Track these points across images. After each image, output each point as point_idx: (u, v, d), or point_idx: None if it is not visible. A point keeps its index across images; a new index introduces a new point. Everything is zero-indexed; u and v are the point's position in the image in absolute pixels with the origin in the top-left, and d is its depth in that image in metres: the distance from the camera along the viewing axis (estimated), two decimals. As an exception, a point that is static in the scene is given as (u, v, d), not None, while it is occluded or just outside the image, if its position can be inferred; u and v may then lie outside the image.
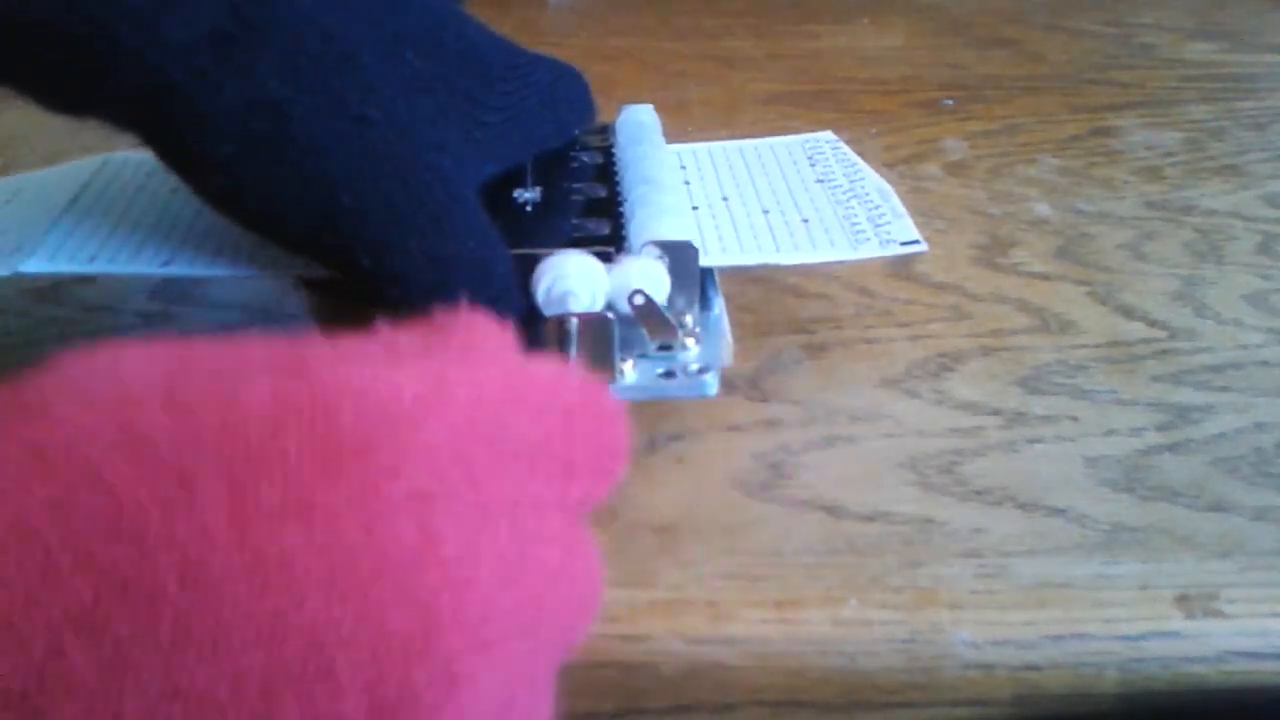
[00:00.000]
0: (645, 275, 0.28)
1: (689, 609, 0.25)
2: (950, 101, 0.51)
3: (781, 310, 0.35)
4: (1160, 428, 0.31)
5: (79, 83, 0.23)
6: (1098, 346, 0.34)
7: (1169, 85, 0.53)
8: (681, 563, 0.26)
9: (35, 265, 0.29)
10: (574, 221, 0.31)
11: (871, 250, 0.31)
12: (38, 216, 0.31)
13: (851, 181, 0.35)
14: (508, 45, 0.31)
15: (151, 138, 0.25)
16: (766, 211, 0.33)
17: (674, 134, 0.37)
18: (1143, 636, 0.25)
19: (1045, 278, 0.37)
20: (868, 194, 0.34)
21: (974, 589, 0.26)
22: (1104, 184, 0.44)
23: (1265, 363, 0.34)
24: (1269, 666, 0.25)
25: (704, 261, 0.30)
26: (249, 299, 0.35)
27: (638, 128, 0.36)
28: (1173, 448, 0.30)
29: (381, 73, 0.26)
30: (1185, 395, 0.32)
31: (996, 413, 0.31)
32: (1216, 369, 0.33)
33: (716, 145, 0.38)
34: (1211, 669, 0.25)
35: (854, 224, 0.32)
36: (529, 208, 0.31)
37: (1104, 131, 0.48)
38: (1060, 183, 0.43)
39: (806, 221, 0.33)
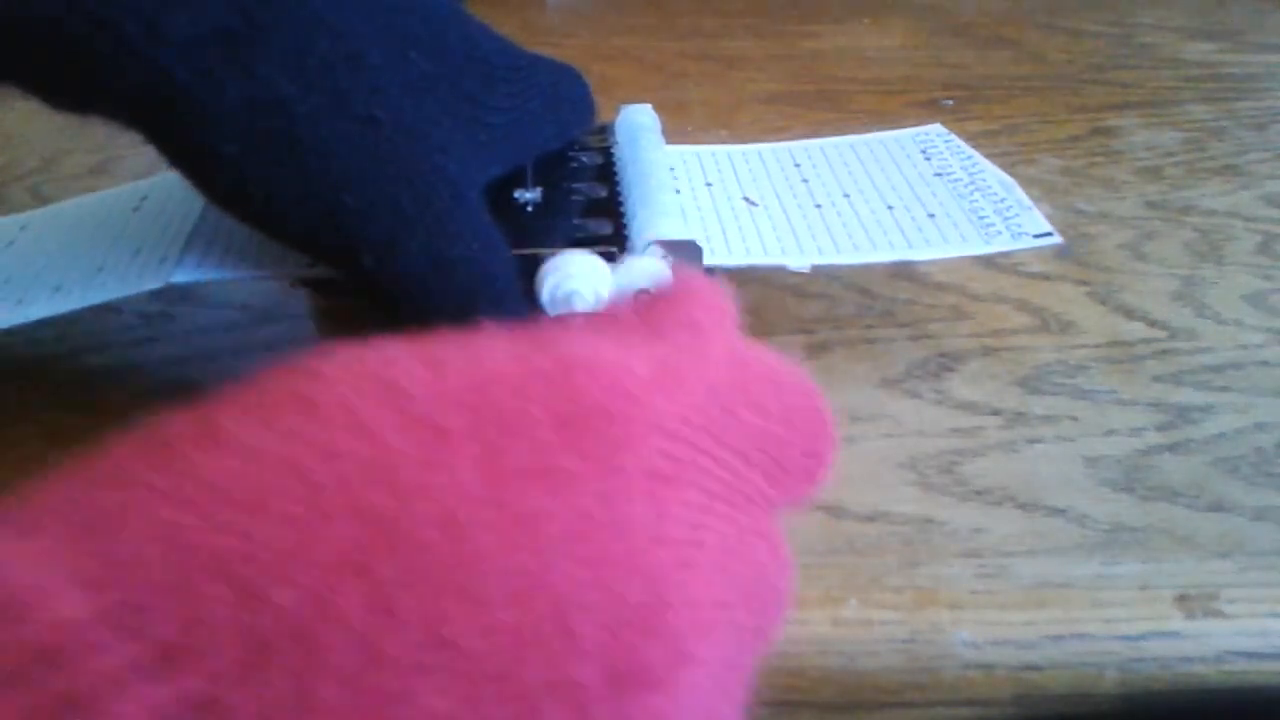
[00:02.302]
0: (649, 274, 0.28)
1: (689, 609, 0.25)
2: (950, 101, 0.51)
3: (782, 310, 0.36)
4: (1160, 428, 0.31)
5: (84, 80, 0.24)
6: (1098, 346, 0.34)
7: (1169, 85, 0.53)
8: (682, 563, 0.26)
9: (184, 275, 0.30)
10: (575, 221, 0.31)
11: (1004, 244, 0.31)
12: (169, 228, 0.32)
13: (970, 174, 0.35)
14: (509, 46, 0.31)
15: (156, 136, 0.25)
16: (891, 207, 0.33)
17: (674, 134, 0.37)
18: (1143, 636, 0.25)
19: (1045, 278, 0.37)
20: (990, 186, 0.34)
21: (974, 589, 0.26)
22: (1104, 184, 0.44)
23: (1265, 363, 0.34)
24: (1269, 666, 0.25)
25: (826, 260, 0.31)
26: (249, 299, 0.36)
27: (637, 128, 0.36)
28: (1173, 448, 0.30)
29: (388, 73, 0.26)
30: (1185, 395, 0.32)
31: (996, 413, 0.31)
32: (1216, 369, 0.33)
33: (827, 141, 0.38)
34: (1211, 669, 0.25)
35: (982, 217, 0.32)
36: (530, 208, 0.31)
37: (1104, 131, 0.48)
38: (1060, 183, 0.44)
39: (933, 216, 0.33)
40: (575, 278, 0.27)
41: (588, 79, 0.34)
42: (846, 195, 0.34)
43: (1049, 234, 0.31)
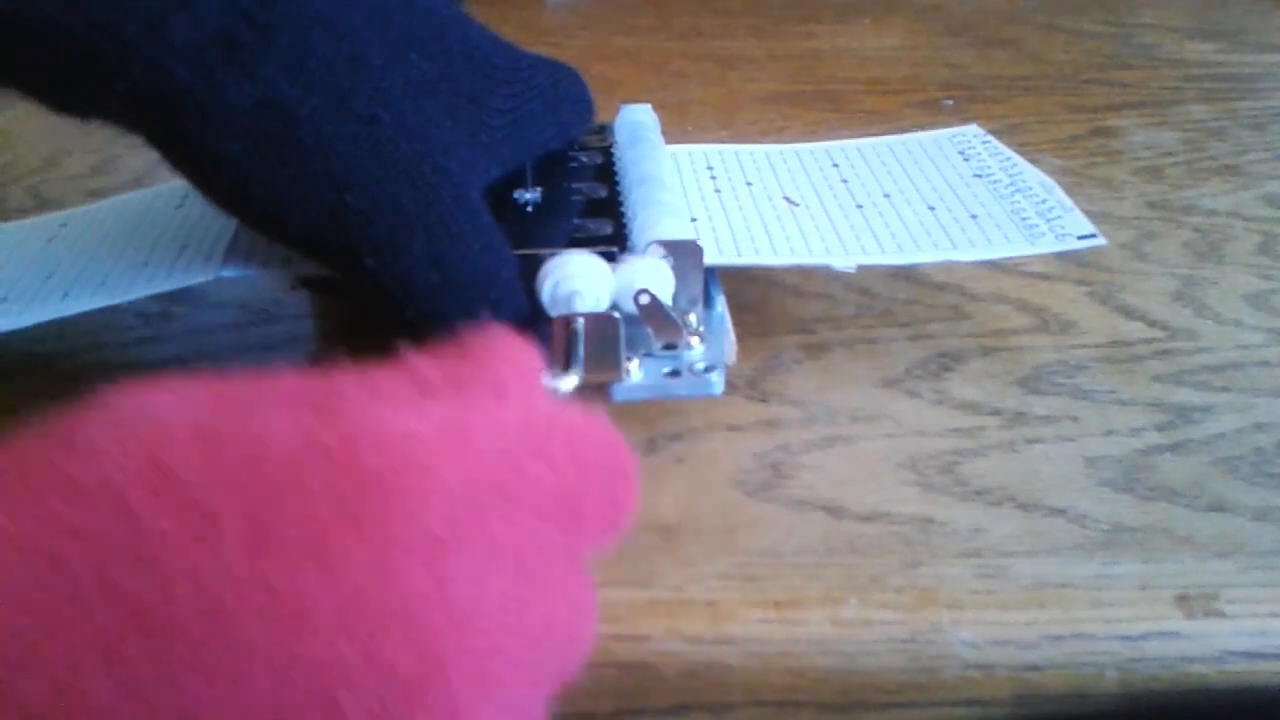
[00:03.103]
0: (650, 275, 0.28)
1: (689, 609, 0.25)
2: (950, 101, 0.51)
3: (782, 310, 0.36)
4: (1160, 428, 0.31)
5: (86, 83, 0.24)
6: (1098, 346, 0.34)
7: (1169, 85, 0.53)
8: (681, 563, 0.26)
9: (232, 270, 0.30)
10: (576, 222, 0.31)
11: (1048, 245, 0.31)
12: (213, 225, 0.32)
13: (1010, 176, 0.35)
14: (509, 47, 0.31)
15: (158, 138, 0.25)
16: (932, 208, 0.33)
17: (673, 134, 0.38)
18: (1143, 636, 0.25)
19: (1045, 278, 0.37)
20: (1030, 188, 0.34)
21: (974, 589, 0.26)
22: (1104, 184, 0.44)
23: (1265, 363, 0.34)
24: (1269, 666, 0.25)
25: (871, 260, 0.31)
26: (249, 299, 0.36)
27: (636, 127, 0.36)
28: (1173, 448, 0.30)
29: (389, 74, 0.26)
30: (1185, 395, 0.32)
31: (996, 413, 0.31)
32: (1216, 369, 0.33)
33: (864, 142, 0.38)
34: (1211, 669, 0.25)
35: (1024, 218, 0.32)
36: (530, 208, 0.31)
37: (1104, 131, 0.48)
38: (1060, 183, 0.43)
39: (975, 217, 0.33)
40: (575, 278, 0.27)
41: (587, 79, 0.34)
42: (887, 196, 0.34)
43: (1093, 235, 0.31)
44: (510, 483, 0.18)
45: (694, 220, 0.33)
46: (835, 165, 0.36)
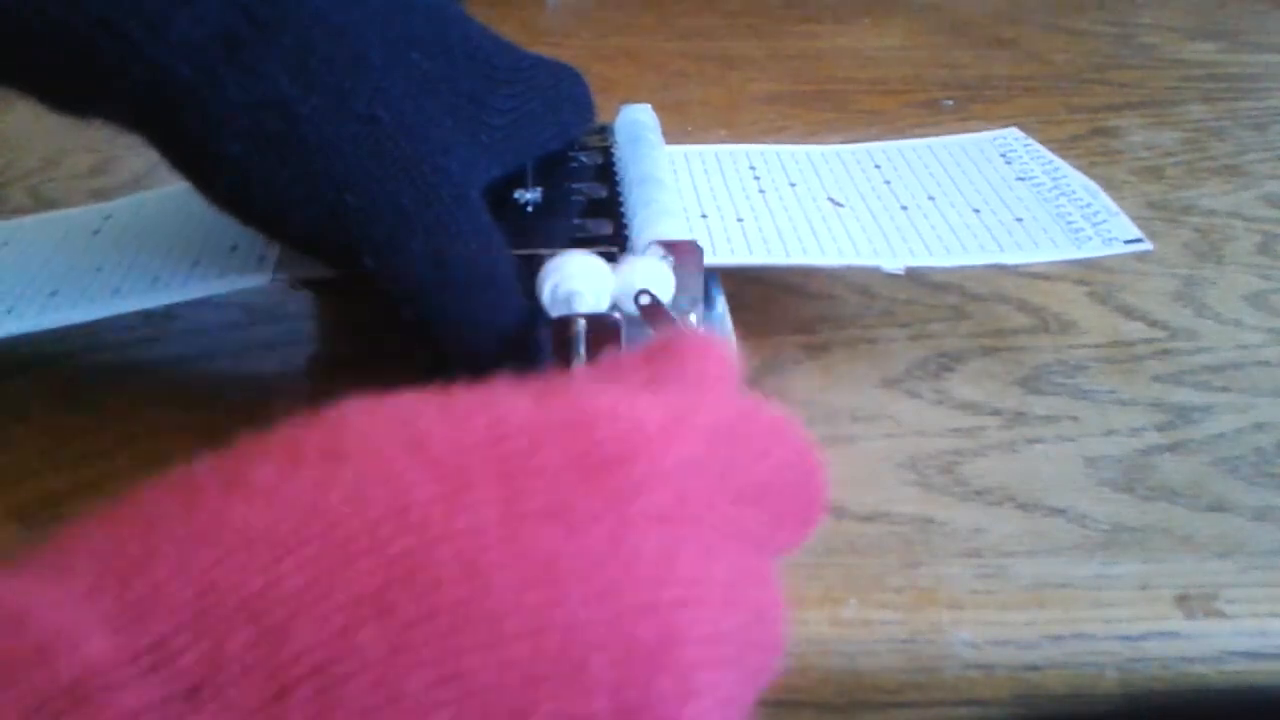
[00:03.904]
0: (651, 275, 0.28)
1: (690, 609, 0.25)
2: (950, 102, 0.51)
3: (782, 310, 0.36)
4: (1160, 428, 0.31)
5: (86, 82, 0.24)
6: (1098, 346, 0.34)
7: (1169, 85, 0.53)
8: (682, 563, 0.26)
9: (285, 271, 0.30)
10: (575, 222, 0.31)
11: (1095, 249, 0.31)
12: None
13: (1053, 179, 0.35)
14: (510, 47, 0.31)
15: (158, 137, 0.25)
16: (977, 211, 0.34)
17: (673, 134, 0.37)
18: (1143, 636, 0.25)
19: (1045, 278, 0.37)
20: (1074, 191, 0.34)
21: (974, 589, 0.26)
22: (1104, 184, 0.43)
23: (1265, 363, 0.34)
24: (1269, 666, 0.25)
25: (919, 263, 0.31)
26: (251, 299, 0.36)
27: (636, 127, 0.36)
28: (1173, 448, 0.30)
29: (389, 73, 0.26)
30: (1185, 395, 0.32)
31: (996, 413, 0.31)
32: (1216, 369, 0.33)
33: (905, 144, 0.38)
34: (1211, 669, 0.25)
35: (1070, 223, 0.32)
36: (530, 208, 0.31)
37: (1104, 131, 0.48)
38: (1060, 183, 0.43)
39: (1021, 221, 0.33)
40: (575, 278, 0.27)
41: (587, 79, 0.34)
42: (931, 198, 0.34)
43: (1139, 240, 0.31)
44: (723, 471, 0.19)
45: (740, 220, 0.33)
46: (878, 167, 0.37)
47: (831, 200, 0.34)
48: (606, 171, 0.34)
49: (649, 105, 0.38)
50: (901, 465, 0.30)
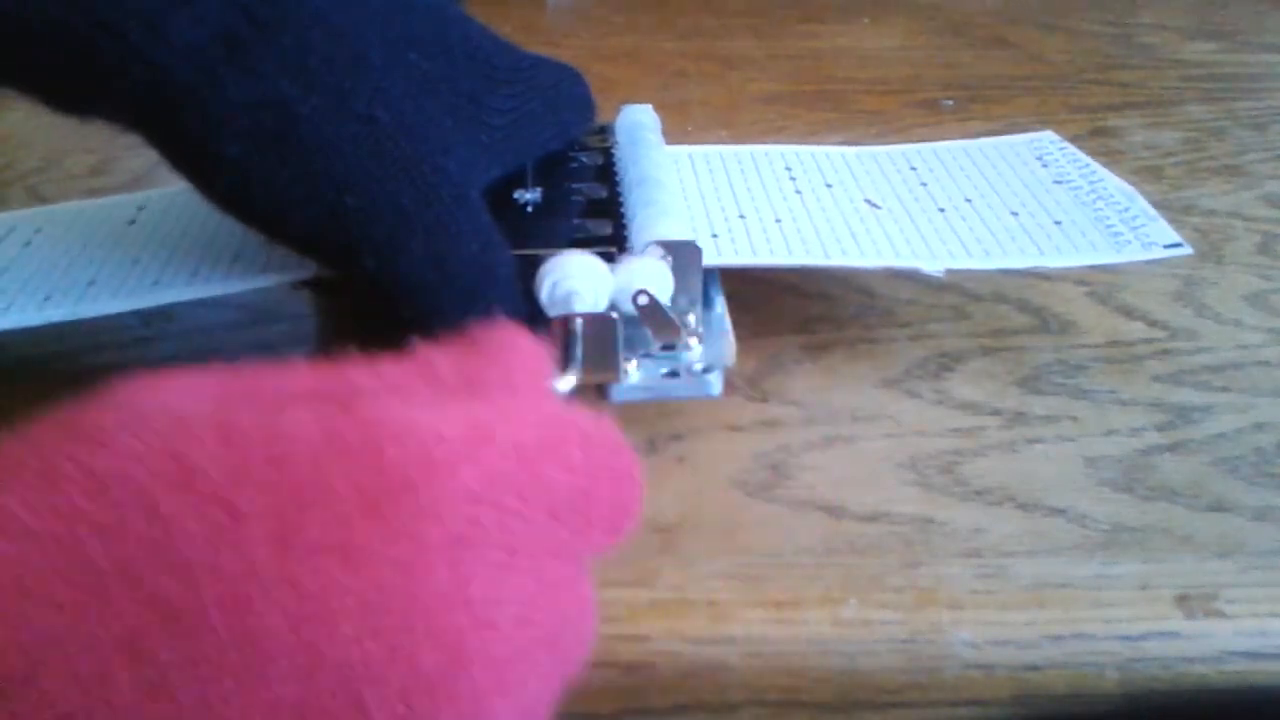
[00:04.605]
0: (649, 275, 0.28)
1: (689, 609, 0.25)
2: (950, 102, 0.51)
3: (782, 310, 0.35)
4: (1160, 428, 0.31)
5: (86, 83, 0.24)
6: (1098, 346, 0.34)
7: (1169, 85, 0.53)
8: (681, 563, 0.26)
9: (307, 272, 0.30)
10: (575, 222, 0.31)
11: (1134, 254, 0.31)
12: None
13: (1090, 183, 0.35)
14: (510, 47, 0.31)
15: (158, 137, 0.25)
16: (1015, 214, 0.34)
17: (673, 134, 0.37)
18: (1143, 636, 0.25)
19: (1045, 278, 0.37)
20: (1112, 195, 0.34)
21: (974, 589, 0.26)
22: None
23: (1265, 363, 0.34)
24: (1269, 666, 0.25)
25: (959, 265, 0.31)
26: (249, 299, 0.35)
27: (636, 128, 0.36)
28: (1173, 448, 0.30)
29: (389, 73, 0.26)
30: (1185, 395, 0.32)
31: (996, 413, 0.31)
32: (1216, 369, 0.33)
33: (940, 146, 0.38)
34: (1211, 669, 0.25)
35: (1109, 226, 0.32)
36: (530, 208, 0.31)
37: (1104, 131, 0.48)
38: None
39: (1059, 224, 0.33)
40: (575, 278, 0.27)
41: (588, 79, 0.34)
42: (969, 200, 0.35)
43: (1179, 244, 0.31)
44: (527, 483, 0.18)
45: (778, 221, 0.33)
46: (913, 169, 0.37)
47: (869, 202, 0.35)
48: (606, 172, 0.34)
49: (649, 105, 0.38)
50: (901, 465, 0.30)
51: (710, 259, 0.31)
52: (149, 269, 0.31)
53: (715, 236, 0.33)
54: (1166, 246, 0.31)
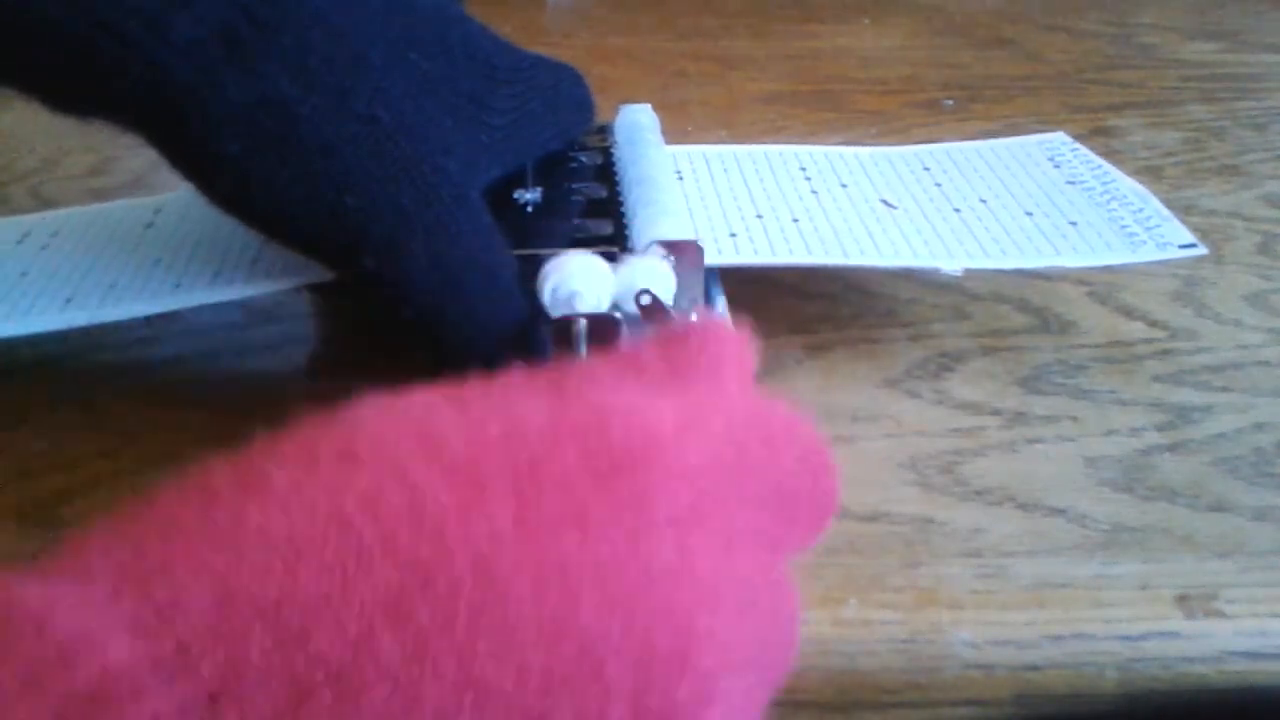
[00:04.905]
0: (651, 275, 0.28)
1: (690, 609, 0.25)
2: (950, 102, 0.51)
3: (782, 310, 0.36)
4: (1160, 428, 0.31)
5: (86, 83, 0.24)
6: (1098, 346, 0.34)
7: (1169, 85, 0.53)
8: (682, 563, 0.26)
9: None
10: (575, 222, 0.31)
11: (1150, 254, 0.32)
12: None
13: (1103, 184, 0.35)
14: (510, 47, 0.31)
15: (158, 137, 0.25)
16: (1030, 214, 0.34)
17: (673, 134, 0.37)
18: (1143, 636, 0.25)
19: (1045, 278, 0.37)
20: (1125, 196, 0.34)
21: (974, 589, 0.26)
22: (1104, 184, 0.44)
23: (1265, 363, 0.34)
24: (1269, 666, 0.25)
25: (977, 265, 0.31)
26: (251, 299, 0.35)
27: (636, 128, 0.36)
28: (1173, 448, 0.30)
29: (389, 73, 0.26)
30: (1185, 395, 0.32)
31: (996, 413, 0.31)
32: (1216, 369, 0.33)
33: (953, 146, 0.38)
34: (1211, 669, 0.25)
35: (1124, 227, 0.32)
36: (530, 209, 0.31)
37: (1104, 131, 0.48)
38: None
39: (1075, 224, 0.33)
40: (576, 278, 0.27)
41: (588, 79, 0.34)
42: (983, 201, 0.35)
43: (1193, 245, 0.31)
44: (739, 471, 0.19)
45: (795, 221, 0.33)
46: (927, 169, 0.37)
47: (885, 202, 0.35)
48: (606, 171, 0.34)
49: (649, 105, 0.38)
50: (901, 465, 0.30)
51: (729, 258, 0.31)
52: (170, 272, 0.31)
53: (734, 236, 0.33)
54: (1181, 247, 0.31)
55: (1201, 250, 0.31)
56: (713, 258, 0.31)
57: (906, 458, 0.30)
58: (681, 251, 0.29)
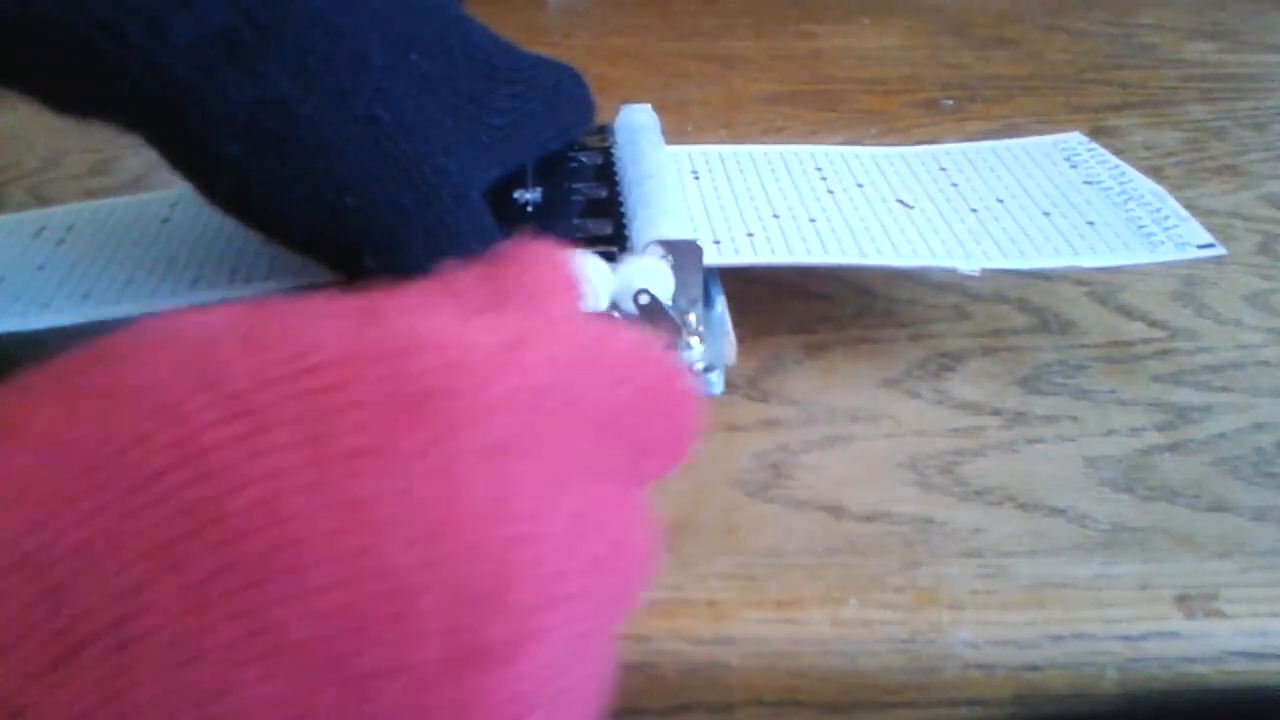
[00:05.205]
0: (650, 274, 0.28)
1: (689, 609, 0.25)
2: (950, 102, 0.51)
3: (782, 310, 0.35)
4: (1160, 428, 0.31)
5: (86, 83, 0.24)
6: (1098, 346, 0.34)
7: (1169, 85, 0.53)
8: (681, 563, 0.26)
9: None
10: (575, 222, 0.31)
11: (1168, 254, 0.32)
12: None
13: (1120, 184, 0.35)
14: (510, 48, 0.31)
15: (158, 137, 0.25)
16: (1047, 214, 0.34)
17: (673, 134, 0.37)
18: (1143, 636, 0.25)
19: (1045, 278, 0.37)
20: (1142, 196, 0.34)
21: (974, 589, 0.26)
22: (1104, 184, 0.44)
23: (1265, 363, 0.34)
24: (1269, 666, 0.25)
25: (994, 265, 0.31)
26: (250, 298, 0.35)
27: (636, 128, 0.36)
28: (1173, 448, 0.30)
29: (390, 74, 0.26)
30: (1185, 395, 0.32)
31: (996, 413, 0.31)
32: (1216, 369, 0.33)
33: (969, 146, 0.38)
34: (1211, 669, 0.25)
35: (1141, 227, 0.32)
36: (530, 208, 0.31)
37: (1104, 131, 0.48)
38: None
39: (1092, 224, 0.33)
40: (575, 278, 0.27)
41: (587, 79, 0.34)
42: (1000, 201, 0.35)
43: (1211, 245, 0.31)
44: (567, 396, 0.18)
45: (812, 221, 0.33)
46: (943, 169, 0.37)
47: (901, 202, 0.35)
48: (606, 171, 0.34)
49: (649, 105, 0.38)
50: (901, 465, 0.30)
51: (746, 258, 0.31)
52: (187, 268, 0.31)
53: (751, 235, 0.33)
54: (1200, 247, 0.31)
55: (1220, 250, 0.31)
56: (729, 257, 0.31)
57: (906, 458, 0.30)
58: (680, 251, 0.29)
